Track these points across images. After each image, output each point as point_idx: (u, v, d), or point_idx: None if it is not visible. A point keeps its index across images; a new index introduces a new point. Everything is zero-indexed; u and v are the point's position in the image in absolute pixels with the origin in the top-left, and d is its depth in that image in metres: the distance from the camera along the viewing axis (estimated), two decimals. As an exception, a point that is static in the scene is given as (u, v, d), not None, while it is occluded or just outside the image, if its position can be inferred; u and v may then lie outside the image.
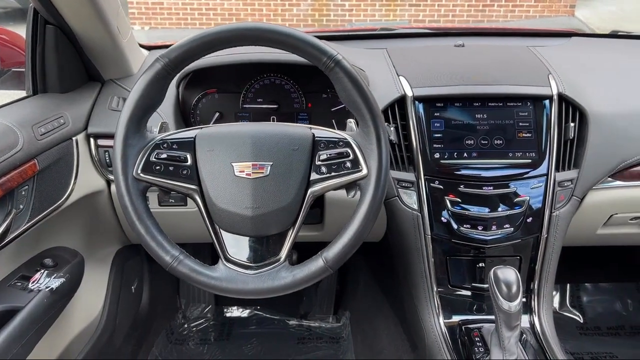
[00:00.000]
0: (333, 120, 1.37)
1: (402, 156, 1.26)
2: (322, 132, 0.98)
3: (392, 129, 1.24)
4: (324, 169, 0.95)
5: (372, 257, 1.80)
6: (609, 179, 1.29)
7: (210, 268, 0.95)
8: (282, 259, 0.96)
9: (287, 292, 0.95)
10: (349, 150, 0.95)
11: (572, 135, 1.24)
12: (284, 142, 0.95)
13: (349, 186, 0.99)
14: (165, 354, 1.77)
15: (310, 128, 0.98)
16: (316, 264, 0.93)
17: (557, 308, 2.00)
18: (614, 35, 1.73)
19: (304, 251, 0.97)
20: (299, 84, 1.36)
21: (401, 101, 1.26)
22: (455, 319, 1.29)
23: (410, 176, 1.25)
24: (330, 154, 0.95)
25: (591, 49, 1.56)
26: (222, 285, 0.94)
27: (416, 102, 1.25)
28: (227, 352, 1.80)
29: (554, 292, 2.03)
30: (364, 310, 1.79)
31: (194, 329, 1.91)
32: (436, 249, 1.27)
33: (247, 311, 1.99)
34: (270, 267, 0.95)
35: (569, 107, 1.25)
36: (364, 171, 0.94)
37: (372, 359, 1.59)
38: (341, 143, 0.96)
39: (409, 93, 1.25)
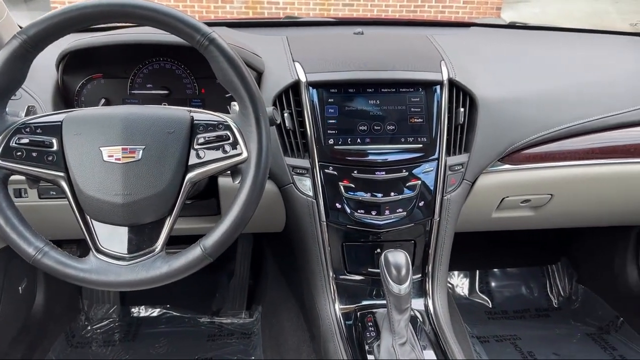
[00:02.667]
0: (228, 107, 1.33)
1: (297, 143, 1.24)
2: (202, 115, 0.94)
3: (286, 115, 1.22)
4: (202, 153, 0.91)
5: (281, 248, 1.78)
6: (499, 162, 1.32)
7: (80, 260, 0.90)
8: (158, 249, 0.91)
9: (164, 282, 0.91)
10: (229, 133, 0.92)
11: (462, 120, 1.26)
12: (159, 124, 0.90)
13: (234, 172, 0.96)
14: (63, 357, 1.67)
15: (190, 111, 0.94)
16: (194, 252, 0.90)
17: (467, 294, 2.06)
18: (511, 26, 1.79)
19: None
20: (191, 68, 1.31)
21: (296, 87, 1.24)
22: (352, 305, 1.28)
23: (305, 163, 1.23)
24: (208, 137, 0.92)
25: (487, 38, 1.60)
26: (91, 278, 0.89)
27: (310, 87, 1.23)
28: (132, 353, 1.73)
29: (465, 279, 2.08)
30: (272, 303, 1.77)
31: (98, 330, 1.82)
32: (332, 235, 1.26)
33: (157, 310, 1.92)
34: (145, 257, 0.91)
35: (460, 93, 1.27)
36: (244, 154, 0.92)
37: (276, 353, 1.57)
38: (221, 126, 0.93)
39: (303, 78, 1.23)
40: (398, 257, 1.08)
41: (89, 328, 1.81)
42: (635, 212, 1.57)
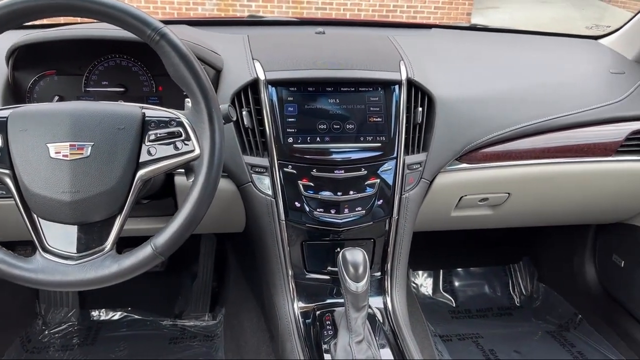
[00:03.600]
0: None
1: (256, 141, 1.23)
2: (154, 112, 0.93)
3: (245, 113, 1.22)
4: (153, 150, 0.90)
5: (243, 248, 1.77)
6: (456, 161, 1.33)
7: (26, 260, 0.88)
8: (107, 248, 0.90)
9: (114, 282, 0.89)
10: (181, 130, 0.91)
11: (421, 119, 1.27)
12: (108, 120, 0.89)
13: (188, 170, 0.95)
14: (18, 363, 1.62)
15: (141, 107, 0.93)
16: (144, 251, 0.88)
17: (431, 294, 2.07)
18: (472, 27, 1.82)
19: None
20: (148, 66, 1.29)
21: (255, 85, 1.23)
22: (311, 304, 1.28)
23: (264, 161, 1.22)
24: (160, 134, 0.91)
25: (448, 39, 1.62)
26: (37, 278, 0.87)
27: (269, 85, 1.22)
28: (91, 357, 1.68)
29: (429, 279, 2.10)
30: (234, 305, 1.75)
31: (56, 335, 1.77)
32: (292, 234, 1.26)
33: (118, 314, 1.88)
34: (95, 256, 0.89)
35: (418, 92, 1.28)
36: (197, 151, 0.91)
37: (237, 354, 1.55)
38: (173, 122, 0.92)
39: (262, 76, 1.22)
40: (356, 255, 1.08)
41: (46, 332, 1.77)
42: (590, 210, 1.61)
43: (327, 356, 1.13)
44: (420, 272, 2.10)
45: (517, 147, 1.35)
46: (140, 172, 0.89)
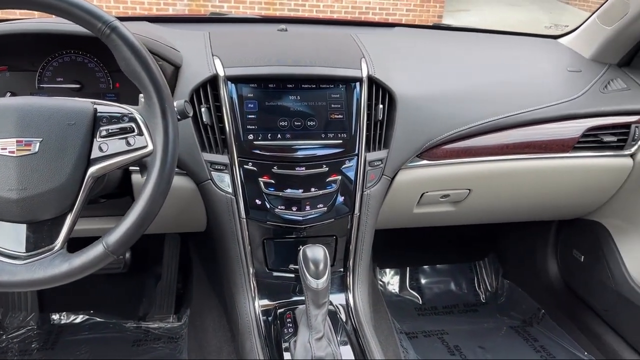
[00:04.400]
0: None
1: (215, 138, 1.21)
2: (106, 107, 0.91)
3: (204, 110, 1.20)
4: (104, 147, 0.88)
5: (207, 248, 1.75)
6: (417, 158, 1.34)
7: None
8: (57, 247, 0.87)
9: (64, 281, 0.87)
10: (134, 126, 0.90)
11: (382, 116, 1.28)
12: (58, 116, 0.86)
13: (142, 167, 0.93)
14: (-27, 370, 1.57)
15: (93, 103, 0.91)
16: (96, 250, 0.86)
17: (397, 291, 2.08)
18: (435, 26, 1.84)
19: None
20: (104, 62, 1.26)
21: (214, 82, 1.22)
22: (273, 302, 1.27)
23: (223, 159, 1.21)
24: (111, 130, 0.89)
25: (410, 38, 1.63)
26: None
27: (229, 82, 1.21)
28: (50, 362, 1.64)
29: (396, 276, 2.11)
30: (197, 305, 1.73)
31: (14, 339, 1.72)
32: (252, 232, 1.25)
33: (80, 317, 1.83)
34: (44, 255, 0.86)
35: (379, 90, 1.28)
36: (149, 147, 0.89)
37: (200, 354, 1.53)
38: (125, 118, 0.91)
39: (221, 73, 1.21)
40: (316, 252, 1.09)
41: (4, 337, 1.71)
42: (549, 206, 1.63)
43: (286, 355, 1.12)
44: (387, 270, 2.11)
45: (476, 144, 1.37)
46: (92, 169, 0.88)
